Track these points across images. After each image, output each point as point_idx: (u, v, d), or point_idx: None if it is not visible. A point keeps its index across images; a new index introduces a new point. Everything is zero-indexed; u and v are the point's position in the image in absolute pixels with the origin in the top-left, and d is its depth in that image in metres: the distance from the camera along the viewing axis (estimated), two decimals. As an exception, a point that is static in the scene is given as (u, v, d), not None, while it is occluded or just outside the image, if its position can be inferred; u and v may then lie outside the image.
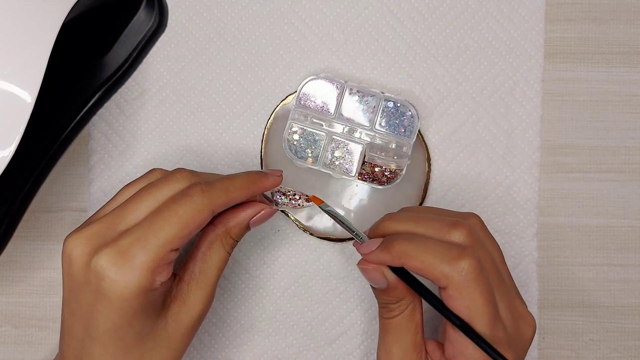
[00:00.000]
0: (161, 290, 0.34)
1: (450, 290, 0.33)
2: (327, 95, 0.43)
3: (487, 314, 0.33)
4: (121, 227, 0.34)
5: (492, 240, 0.37)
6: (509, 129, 0.45)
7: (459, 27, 0.45)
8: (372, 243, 0.36)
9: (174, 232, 0.33)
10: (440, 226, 0.35)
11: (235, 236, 0.37)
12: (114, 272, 0.32)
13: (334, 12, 0.45)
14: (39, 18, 0.35)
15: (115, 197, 0.37)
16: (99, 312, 0.33)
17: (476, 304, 0.33)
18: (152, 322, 0.34)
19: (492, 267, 0.35)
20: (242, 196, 0.36)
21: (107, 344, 0.33)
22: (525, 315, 0.36)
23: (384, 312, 0.37)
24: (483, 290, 0.33)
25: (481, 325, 0.33)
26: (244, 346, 0.45)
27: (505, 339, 0.34)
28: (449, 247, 0.34)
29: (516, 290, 0.37)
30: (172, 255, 0.34)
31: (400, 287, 0.36)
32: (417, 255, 0.34)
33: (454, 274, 0.33)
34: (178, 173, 0.36)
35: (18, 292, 0.46)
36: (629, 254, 0.46)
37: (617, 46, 0.46)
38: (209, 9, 0.45)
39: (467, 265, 0.33)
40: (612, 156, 0.46)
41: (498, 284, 0.35)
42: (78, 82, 0.43)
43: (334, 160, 0.43)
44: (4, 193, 0.41)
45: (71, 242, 0.34)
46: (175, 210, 0.33)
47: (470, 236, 0.34)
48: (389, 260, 0.35)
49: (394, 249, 0.34)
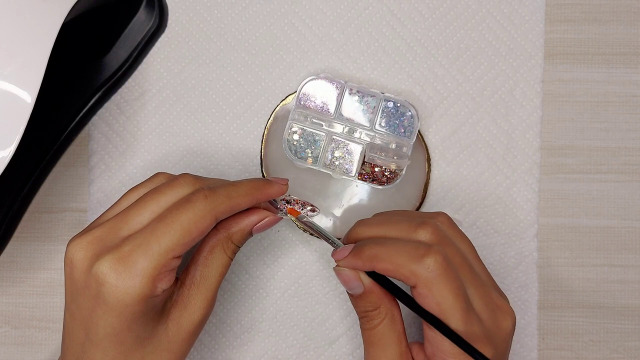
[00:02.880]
0: (162, 296, 0.34)
1: (419, 288, 0.33)
2: (327, 96, 0.43)
3: (459, 309, 0.33)
4: (124, 233, 0.34)
5: (462, 235, 0.37)
6: (509, 129, 0.45)
7: (459, 27, 0.45)
8: (345, 249, 0.36)
9: (176, 239, 0.33)
10: (408, 227, 0.36)
11: (237, 242, 0.37)
12: (115, 278, 0.32)
13: (334, 12, 0.45)
14: (39, 18, 0.35)
15: (119, 202, 0.37)
16: (99, 317, 0.33)
17: (446, 299, 0.33)
18: (152, 326, 0.34)
19: (462, 261, 0.35)
20: (245, 203, 0.36)
21: (106, 348, 0.33)
22: (502, 307, 0.36)
23: (365, 323, 0.37)
24: (452, 285, 0.33)
25: (454, 320, 0.33)
26: (244, 347, 0.45)
27: (482, 333, 0.34)
28: (416, 246, 0.34)
29: (492, 283, 0.37)
30: (174, 262, 0.33)
31: (375, 291, 0.36)
32: (386, 257, 0.34)
33: (422, 271, 0.33)
34: (182, 178, 0.36)
35: (18, 292, 0.46)
36: (629, 255, 0.46)
37: (618, 47, 0.46)
38: (209, 10, 0.45)
39: (432, 262, 0.33)
40: (612, 157, 0.46)
41: (470, 278, 0.35)
42: (78, 82, 0.43)
43: (334, 161, 0.43)
44: (4, 193, 0.41)
45: (73, 246, 0.34)
46: (178, 216, 0.33)
47: (435, 234, 0.35)
48: (360, 264, 0.35)
49: (364, 253, 0.35)
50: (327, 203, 0.44)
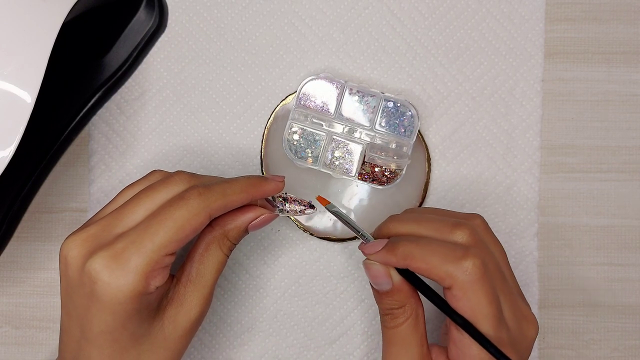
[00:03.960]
0: (157, 294, 0.34)
1: (454, 290, 0.33)
2: (327, 95, 0.43)
3: (491, 315, 0.33)
4: (118, 230, 0.34)
5: (496, 241, 0.37)
6: (510, 128, 0.45)
7: (459, 26, 0.45)
8: (378, 244, 0.36)
9: (170, 236, 0.33)
10: (443, 227, 0.35)
11: (233, 239, 0.37)
12: (107, 276, 0.32)
13: (334, 12, 0.45)
14: (39, 18, 0.35)
15: (114, 200, 0.37)
16: (93, 314, 0.33)
17: (480, 304, 0.33)
18: (147, 324, 0.34)
19: (496, 268, 0.35)
20: (240, 200, 0.36)
21: (102, 346, 0.33)
22: (528, 316, 0.35)
23: (388, 321, 0.36)
24: (487, 291, 0.33)
25: (485, 325, 0.33)
26: (244, 346, 0.45)
27: (509, 340, 0.34)
28: (452, 247, 0.34)
29: (519, 291, 0.37)
30: (167, 259, 0.33)
31: (404, 289, 0.35)
32: (422, 257, 0.34)
33: (458, 273, 0.33)
34: (177, 176, 0.36)
35: (18, 292, 0.46)
36: (630, 254, 0.46)
37: (618, 46, 0.46)
38: (209, 9, 0.45)
39: (471, 265, 0.33)
40: (613, 156, 0.46)
41: (501, 285, 0.34)
42: (78, 82, 0.43)
43: (334, 160, 0.43)
44: (4, 193, 0.41)
45: (68, 244, 0.34)
46: (172, 213, 0.33)
47: (473, 236, 0.34)
48: (393, 261, 0.35)
49: (398, 250, 0.34)
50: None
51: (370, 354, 0.45)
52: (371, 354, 0.45)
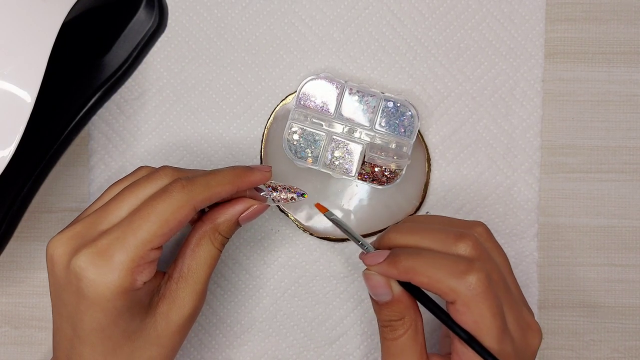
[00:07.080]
0: (146, 289, 0.34)
1: (458, 305, 0.33)
2: (327, 95, 0.43)
3: (495, 328, 0.32)
4: (102, 227, 0.34)
5: (499, 248, 0.36)
6: (510, 129, 0.45)
7: (460, 27, 0.45)
8: (379, 255, 0.35)
9: (154, 230, 0.33)
10: (446, 238, 0.34)
11: (224, 232, 0.36)
12: (92, 273, 0.32)
13: (334, 12, 0.45)
14: (39, 18, 0.35)
15: (100, 197, 0.37)
16: (83, 312, 0.33)
17: (484, 318, 0.32)
18: (139, 320, 0.34)
19: (500, 278, 0.34)
20: (226, 191, 0.35)
21: (94, 344, 0.33)
22: (532, 325, 0.35)
23: (388, 333, 0.35)
24: (491, 304, 0.32)
25: (489, 339, 0.32)
26: (244, 346, 0.45)
27: (513, 352, 0.33)
28: (456, 260, 0.33)
29: (523, 299, 0.36)
30: (153, 254, 0.33)
31: (404, 300, 0.35)
32: (424, 271, 0.33)
33: (462, 288, 0.32)
34: (162, 170, 0.35)
35: (18, 292, 0.46)
36: (630, 254, 0.46)
37: (618, 46, 0.46)
38: (209, 9, 0.45)
39: (475, 280, 0.32)
40: (613, 156, 0.46)
41: (506, 296, 0.34)
42: (78, 82, 0.43)
43: (334, 160, 0.43)
44: (4, 193, 0.41)
45: (53, 243, 0.34)
46: (155, 207, 0.33)
47: (476, 248, 0.34)
48: (395, 274, 0.34)
49: (400, 263, 0.34)
50: (327, 203, 0.43)
51: (370, 354, 0.45)
52: (371, 354, 0.45)
